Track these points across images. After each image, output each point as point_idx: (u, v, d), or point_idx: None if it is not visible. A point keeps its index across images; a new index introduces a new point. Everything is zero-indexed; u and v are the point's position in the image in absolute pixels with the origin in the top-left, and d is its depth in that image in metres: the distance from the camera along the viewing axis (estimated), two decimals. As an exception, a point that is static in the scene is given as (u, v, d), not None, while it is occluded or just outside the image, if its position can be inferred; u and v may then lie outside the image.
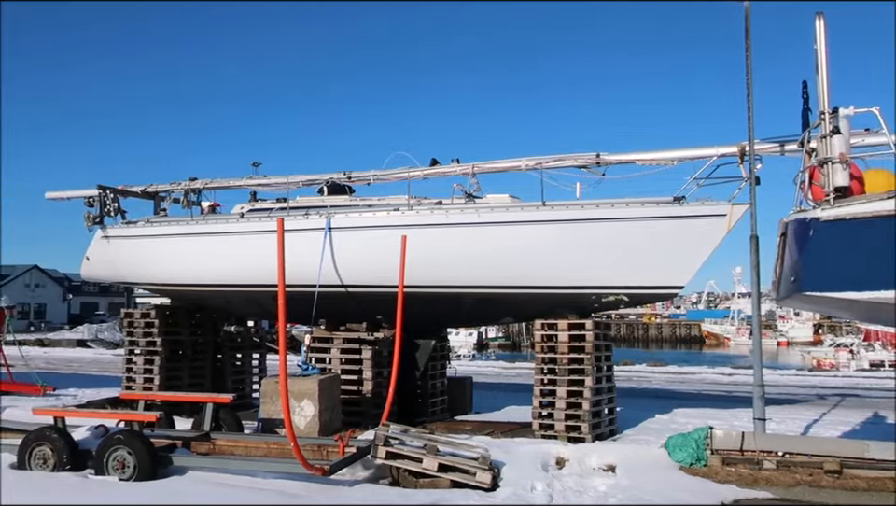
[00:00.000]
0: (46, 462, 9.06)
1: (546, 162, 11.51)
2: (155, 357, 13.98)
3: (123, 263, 14.60)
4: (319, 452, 9.42)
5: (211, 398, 10.75)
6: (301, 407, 10.84)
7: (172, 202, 15.07)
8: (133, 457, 8.62)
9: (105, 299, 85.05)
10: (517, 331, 65.39)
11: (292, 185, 13.51)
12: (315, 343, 12.68)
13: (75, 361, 32.64)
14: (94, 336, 48.00)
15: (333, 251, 12.11)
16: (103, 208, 14.34)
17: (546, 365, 11.11)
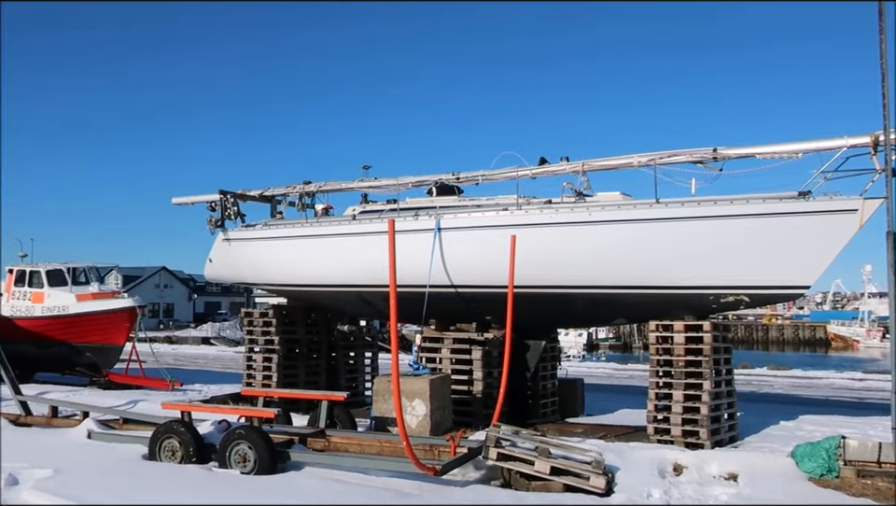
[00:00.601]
0: (174, 454, 9.52)
1: (660, 158, 11.14)
2: (273, 355, 14.47)
3: (243, 264, 15.21)
4: (431, 452, 9.47)
5: (326, 395, 11.00)
6: (412, 406, 10.94)
7: (287, 205, 15.57)
8: (254, 452, 8.93)
9: (227, 298, 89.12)
10: (628, 332, 63.94)
11: (402, 186, 13.67)
12: (425, 342, 12.79)
13: (200, 358, 34.34)
14: (217, 334, 50.38)
15: (443, 252, 12.17)
16: (224, 212, 14.98)
17: (661, 368, 10.76)
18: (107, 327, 19.36)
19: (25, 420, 12.15)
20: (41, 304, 20.27)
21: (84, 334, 19.47)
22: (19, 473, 8.91)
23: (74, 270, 20.96)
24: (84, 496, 7.86)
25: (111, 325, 19.41)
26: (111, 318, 19.48)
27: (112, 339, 19.58)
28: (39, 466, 9.14)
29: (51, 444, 10.56)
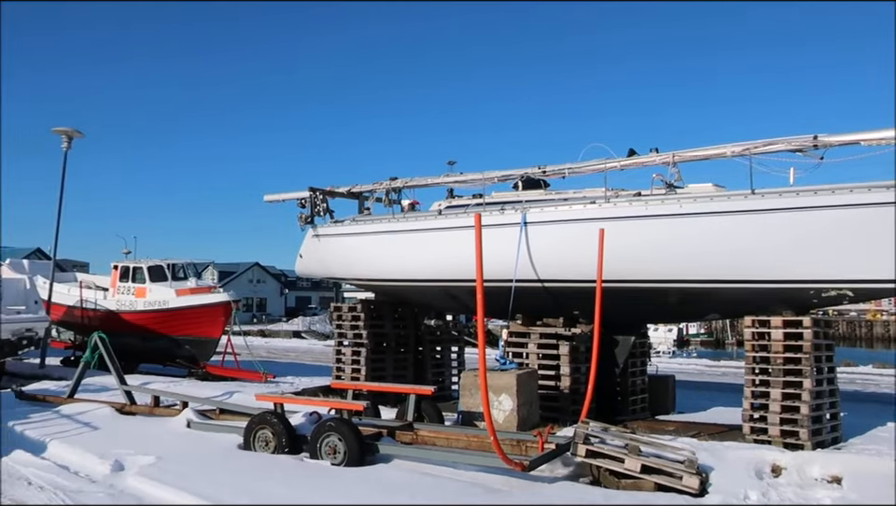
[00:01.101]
0: (267, 444, 9.79)
1: (755, 148, 10.71)
2: (361, 348, 14.70)
3: (332, 260, 15.51)
4: (518, 447, 9.42)
5: (414, 389, 11.09)
6: (499, 401, 10.91)
7: (374, 201, 15.78)
8: (344, 444, 9.09)
9: (317, 293, 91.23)
10: (721, 328, 61.96)
11: (487, 181, 13.63)
12: (511, 337, 12.73)
13: (291, 351, 35.29)
14: (307, 328, 51.57)
15: (529, 246, 12.07)
16: (313, 209, 15.30)
17: (757, 365, 10.35)
18: (204, 320, 20.11)
19: (130, 409, 12.75)
20: (143, 299, 21.24)
21: (183, 327, 20.30)
22: (124, 459, 9.38)
23: (173, 266, 21.87)
24: (184, 483, 8.18)
25: (208, 319, 20.15)
26: (208, 312, 20.22)
27: (209, 332, 20.33)
28: (143, 453, 9.58)
29: (154, 432, 11.04)
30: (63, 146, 20.81)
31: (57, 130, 20.61)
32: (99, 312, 22.02)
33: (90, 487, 8.51)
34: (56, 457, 9.92)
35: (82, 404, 13.11)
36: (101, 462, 9.34)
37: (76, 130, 20.75)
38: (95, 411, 12.58)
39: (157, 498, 8.01)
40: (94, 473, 9.12)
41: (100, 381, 15.33)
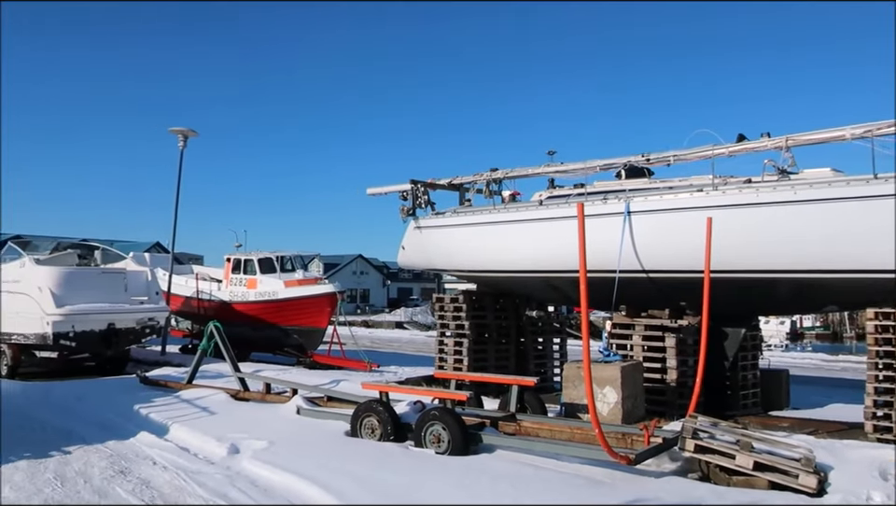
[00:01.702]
0: (373, 432, 10.01)
1: (878, 129, 10.09)
2: (464, 339, 14.81)
3: (433, 251, 15.68)
4: (623, 440, 9.26)
5: (516, 380, 11.07)
6: (603, 393, 10.76)
7: (475, 192, 15.83)
8: (447, 433, 9.18)
9: (419, 284, 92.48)
10: (838, 320, 58.86)
11: (589, 170, 13.43)
12: (615, 329, 12.52)
13: (394, 341, 35.96)
14: (409, 319, 52.39)
15: (633, 235, 11.83)
16: (415, 201, 15.52)
17: (881, 360, 9.79)
18: (312, 311, 20.78)
19: (243, 395, 13.31)
20: (254, 290, 22.13)
21: (291, 318, 21.04)
22: (239, 443, 9.80)
23: (281, 258, 22.68)
24: (295, 466, 8.48)
25: (315, 309, 20.80)
26: (315, 303, 20.87)
27: (316, 322, 20.99)
28: (257, 437, 9.98)
29: (266, 418, 11.48)
30: (179, 145, 21.89)
31: (173, 130, 21.69)
32: (213, 302, 23.11)
33: (208, 469, 8.95)
34: (177, 440, 10.48)
35: (200, 390, 13.78)
36: (218, 445, 9.80)
37: (190, 129, 21.78)
38: (212, 396, 13.19)
39: (270, 480, 8.32)
40: (212, 456, 9.57)
41: (215, 368, 16.07)
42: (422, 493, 7.50)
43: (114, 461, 9.29)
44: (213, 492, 7.89)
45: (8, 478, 8.42)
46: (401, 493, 7.51)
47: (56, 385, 15.02)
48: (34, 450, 9.81)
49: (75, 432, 11.09)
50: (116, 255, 22.97)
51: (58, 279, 17.52)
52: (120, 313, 17.97)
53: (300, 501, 7.60)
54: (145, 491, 7.97)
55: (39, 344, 17.64)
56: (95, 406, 12.91)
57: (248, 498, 7.71)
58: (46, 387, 14.72)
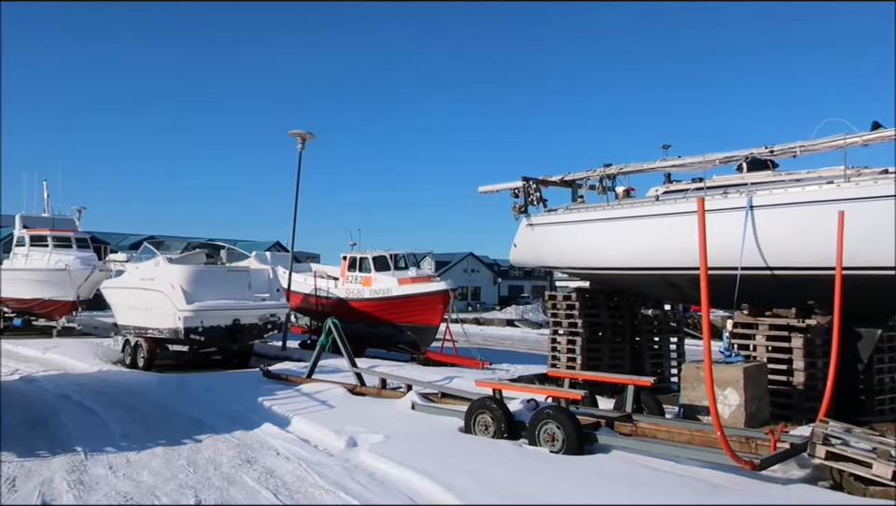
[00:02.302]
0: (487, 429, 10.04)
1: None
2: (577, 337, 14.64)
3: (546, 249, 15.56)
4: (747, 444, 8.89)
5: (632, 380, 10.84)
6: (724, 395, 10.37)
7: (588, 188, 15.60)
8: (562, 432, 9.10)
9: (529, 282, 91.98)
10: None
11: (708, 163, 12.97)
12: (737, 328, 12.04)
13: (505, 339, 35.95)
14: (520, 316, 52.14)
15: (756, 231, 11.33)
16: (527, 198, 15.45)
17: None
18: (425, 308, 21.07)
19: (360, 390, 13.66)
20: (369, 287, 22.67)
21: (405, 315, 21.41)
22: (357, 436, 10.07)
23: (395, 256, 23.12)
24: (411, 461, 8.62)
25: (428, 306, 21.08)
26: (428, 300, 21.15)
27: (429, 319, 21.28)
28: (373, 431, 10.22)
29: (382, 413, 11.73)
30: (297, 147, 22.69)
31: (293, 132, 22.50)
32: (331, 299, 23.84)
33: (328, 460, 9.24)
34: (298, 432, 10.88)
35: (319, 384, 14.25)
36: (337, 438, 10.11)
37: (308, 132, 22.53)
38: (330, 390, 13.61)
39: (387, 474, 8.50)
40: (331, 448, 9.88)
41: (333, 363, 16.57)
42: (538, 491, 7.47)
43: (241, 451, 9.74)
44: (332, 483, 8.14)
45: (146, 463, 8.99)
46: (517, 491, 7.50)
47: (188, 376, 15.92)
48: (168, 437, 10.44)
49: (205, 422, 11.72)
50: (240, 254, 24.11)
51: (188, 277, 18.53)
52: (245, 309, 18.81)
53: (416, 495, 7.72)
54: (269, 480, 8.32)
55: (172, 338, 18.73)
56: (223, 397, 13.59)
57: (367, 490, 7.90)
58: (179, 379, 15.62)
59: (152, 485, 8.03)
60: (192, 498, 7.60)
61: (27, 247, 29.39)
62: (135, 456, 9.33)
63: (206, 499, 7.55)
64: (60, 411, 12.48)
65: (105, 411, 12.55)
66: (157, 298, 18.73)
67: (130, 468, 8.79)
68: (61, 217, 32.86)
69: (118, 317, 21.85)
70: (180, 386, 14.84)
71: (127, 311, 20.70)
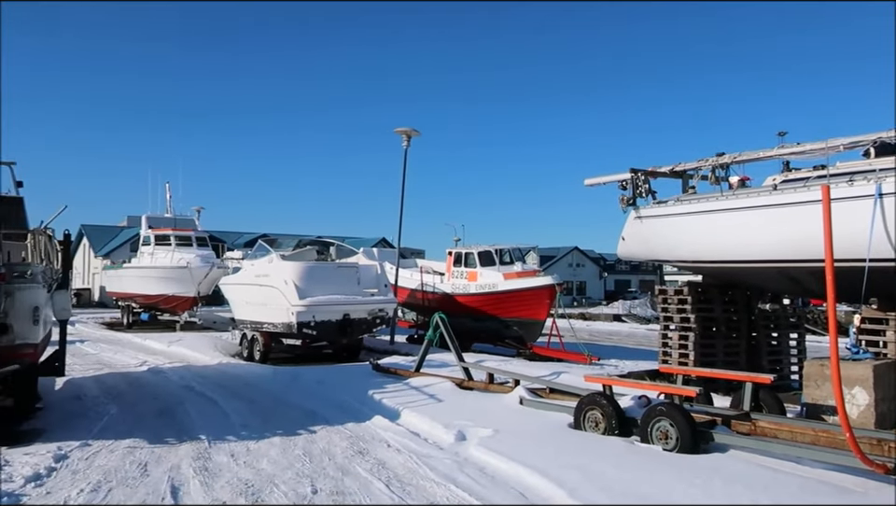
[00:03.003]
0: (597, 425, 9.89)
1: None
2: (689, 333, 14.18)
3: (655, 242, 15.13)
4: (879, 447, 8.36)
5: (750, 377, 10.41)
6: (851, 394, 9.81)
7: (700, 179, 15.07)
8: (676, 430, 8.85)
9: (636, 276, 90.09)
10: None
11: (831, 150, 12.24)
12: (865, 324, 11.35)
13: (613, 334, 35.30)
14: (627, 311, 51.02)
15: (885, 220, 10.63)
16: (635, 190, 15.06)
17: None
18: (531, 303, 20.95)
19: (468, 384, 13.73)
20: (475, 282, 22.74)
21: (511, 310, 21.36)
22: (466, 430, 10.13)
23: (500, 251, 23.09)
24: (520, 456, 8.60)
25: (534, 301, 20.95)
26: (534, 295, 21.02)
27: (535, 314, 21.13)
28: (482, 425, 10.26)
29: (490, 407, 11.76)
30: (403, 144, 23.02)
31: (398, 130, 22.85)
32: (437, 294, 24.08)
33: (437, 453, 9.34)
34: (408, 424, 11.05)
35: (427, 378, 14.43)
36: (446, 432, 10.20)
37: (413, 129, 22.82)
38: (438, 384, 13.76)
39: (497, 468, 8.51)
40: (441, 441, 9.98)
41: (440, 357, 16.75)
42: (650, 490, 7.30)
43: (353, 442, 9.99)
44: (443, 476, 8.22)
45: (265, 452, 9.35)
46: (629, 489, 7.35)
47: (301, 369, 16.46)
48: (285, 428, 10.83)
49: (318, 413, 12.08)
50: (348, 250, 24.72)
51: (300, 273, 19.15)
52: (354, 304, 19.27)
53: (527, 491, 7.69)
54: (381, 471, 8.48)
55: (285, 332, 19.41)
56: (335, 390, 13.98)
57: (477, 484, 7.94)
58: (293, 372, 16.18)
59: (271, 474, 8.35)
60: (309, 486, 7.85)
61: (152, 246, 31.19)
62: (255, 446, 9.73)
63: (322, 489, 7.78)
64: (185, 401, 13.17)
65: (225, 401, 13.15)
66: (271, 293, 19.45)
67: (250, 456, 9.17)
68: (182, 218, 34.71)
69: (235, 312, 22.84)
70: (294, 379, 15.36)
71: (244, 306, 21.61)
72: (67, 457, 8.87)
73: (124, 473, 8.26)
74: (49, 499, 7.25)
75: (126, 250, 52.10)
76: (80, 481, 7.93)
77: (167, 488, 7.72)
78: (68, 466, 8.54)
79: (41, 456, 8.83)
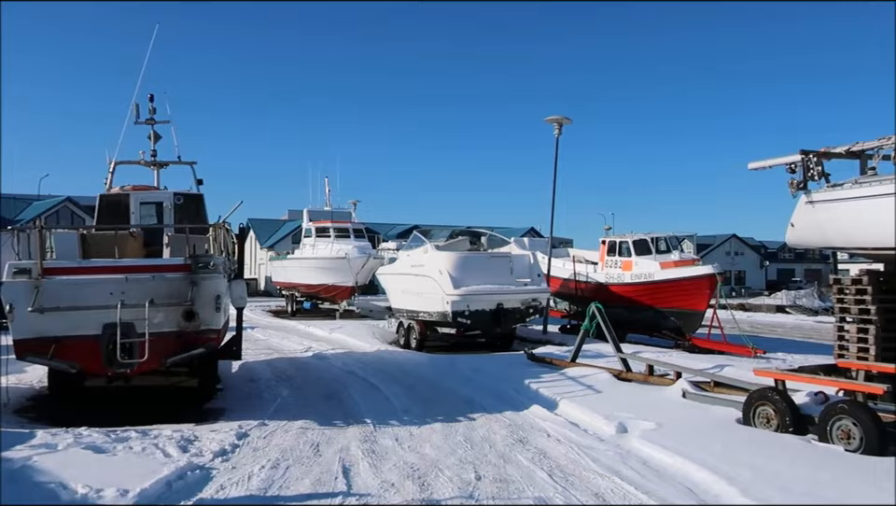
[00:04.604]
0: (769, 421, 9.40)
1: None
2: (869, 326, 13.09)
3: (830, 228, 14.07)
4: None
5: (943, 374, 9.51)
6: None
7: (881, 159, 13.87)
8: (859, 429, 8.26)
9: (801, 265, 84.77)
10: None
11: None
12: None
13: (777, 326, 33.42)
14: (792, 302, 48.02)
15: None
16: (806, 173, 14.08)
17: None
18: (690, 293, 20.18)
19: (626, 375, 13.45)
20: (629, 272, 22.21)
21: (668, 300, 20.68)
22: (627, 422, 9.94)
23: (656, 239, 22.40)
24: (686, 450, 8.33)
25: (693, 291, 20.17)
26: (693, 285, 20.24)
27: (694, 305, 20.35)
28: (643, 418, 10.03)
29: (650, 399, 11.46)
30: (554, 133, 22.82)
31: (549, 119, 22.67)
32: (590, 284, 23.74)
33: (598, 445, 9.22)
34: (567, 415, 10.99)
35: (583, 369, 14.27)
36: (606, 423, 10.05)
37: (564, 117, 22.56)
38: (595, 375, 13.57)
39: (662, 462, 8.30)
40: (601, 433, 9.85)
41: (595, 348, 16.49)
42: (833, 494, 6.85)
43: (512, 431, 10.05)
44: (606, 468, 8.11)
45: (427, 438, 9.61)
46: (809, 491, 6.94)
47: (457, 358, 16.75)
48: (444, 414, 11.08)
49: (476, 401, 12.26)
50: (500, 240, 24.84)
51: (455, 263, 19.45)
52: (508, 294, 19.34)
53: (695, 487, 7.45)
54: (543, 461, 8.49)
55: (440, 321, 19.81)
56: (490, 378, 14.12)
57: (642, 477, 7.77)
58: (449, 360, 16.49)
59: (434, 459, 8.56)
60: (472, 472, 7.99)
61: (313, 238, 32.77)
62: (417, 431, 10.02)
63: (485, 475, 7.89)
64: (349, 386, 13.77)
65: (386, 387, 13.62)
66: (426, 283, 19.90)
67: (413, 441, 9.45)
68: (339, 210, 36.21)
69: (391, 301, 23.58)
70: (450, 367, 15.65)
71: (400, 295, 22.26)
72: (248, 435, 9.52)
73: (299, 452, 8.76)
74: (234, 475, 7.80)
75: (288, 242, 55.20)
76: (261, 457, 8.49)
77: (339, 468, 8.10)
78: (249, 443, 9.17)
79: (225, 433, 9.53)
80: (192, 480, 7.57)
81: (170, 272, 10.67)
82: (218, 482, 7.55)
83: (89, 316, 10.17)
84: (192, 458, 8.21)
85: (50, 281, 10.15)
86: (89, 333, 10.15)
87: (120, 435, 9.09)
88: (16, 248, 10.86)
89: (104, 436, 8.99)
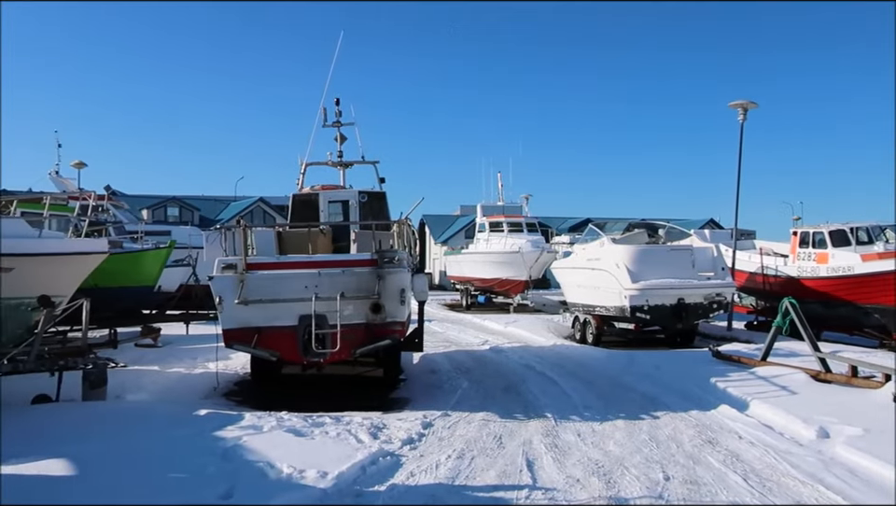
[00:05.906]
0: None
1: None
2: None
3: None
4: None
5: None
6: None
7: None
8: None
9: None
10: None
11: None
12: None
13: None
14: None
15: None
16: None
17: None
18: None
19: (824, 376, 12.48)
20: (825, 265, 20.59)
21: (872, 295, 18.96)
22: (828, 427, 9.24)
23: (855, 229, 20.62)
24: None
25: (900, 286, 18.37)
26: (893, 279, 18.43)
27: (900, 301, 18.51)
28: (847, 423, 9.28)
29: (854, 403, 10.57)
30: (739, 118, 21.60)
31: (734, 104, 21.49)
32: (779, 278, 22.26)
33: (797, 450, 8.65)
34: (759, 416, 10.39)
35: (775, 368, 13.41)
36: (804, 427, 9.40)
37: (750, 101, 21.30)
38: (789, 375, 12.71)
39: (870, 471, 7.65)
40: (799, 437, 9.22)
41: (787, 346, 15.46)
42: None
43: (700, 431, 9.66)
44: (807, 475, 7.60)
45: (610, 434, 9.45)
46: None
47: (636, 353, 16.32)
48: (626, 411, 10.86)
49: (658, 399, 11.91)
50: (679, 232, 23.90)
51: (632, 256, 18.95)
52: (689, 288, 18.56)
53: (913, 500, 6.79)
54: (735, 464, 8.09)
55: (618, 315, 19.38)
56: (673, 376, 13.63)
57: (850, 487, 7.20)
58: (628, 355, 16.10)
59: (619, 456, 8.40)
60: (660, 472, 7.77)
61: (487, 233, 33.20)
62: (599, 427, 9.88)
63: (674, 476, 7.64)
64: (526, 379, 13.83)
65: (564, 382, 13.55)
66: (603, 277, 19.54)
67: (595, 437, 9.33)
68: (510, 205, 36.38)
69: (567, 295, 23.38)
70: (630, 363, 15.27)
71: (575, 289, 22.02)
72: (432, 425, 9.83)
73: (482, 444, 8.92)
74: (423, 463, 8.08)
75: (461, 237, 56.20)
76: (446, 447, 8.73)
77: (523, 461, 8.16)
78: (434, 433, 9.46)
79: (411, 422, 9.90)
80: (384, 466, 7.93)
81: (358, 266, 11.23)
82: (408, 469, 7.84)
83: (287, 308, 10.94)
84: (383, 445, 8.60)
85: (253, 275, 11.00)
86: (287, 324, 10.92)
87: (317, 420, 9.70)
88: (223, 245, 11.86)
89: (302, 421, 9.63)
